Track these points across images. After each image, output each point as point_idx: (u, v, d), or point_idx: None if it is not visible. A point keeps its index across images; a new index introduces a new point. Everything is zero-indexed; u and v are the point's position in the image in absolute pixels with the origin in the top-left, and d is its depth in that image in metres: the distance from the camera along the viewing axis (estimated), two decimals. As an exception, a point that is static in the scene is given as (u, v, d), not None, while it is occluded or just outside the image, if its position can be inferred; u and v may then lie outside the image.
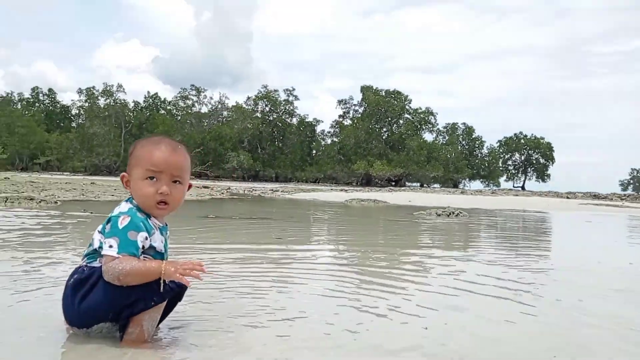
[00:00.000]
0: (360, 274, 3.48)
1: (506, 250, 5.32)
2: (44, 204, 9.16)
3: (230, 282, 3.01)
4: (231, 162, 67.26)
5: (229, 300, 2.57)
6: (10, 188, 13.25)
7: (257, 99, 76.42)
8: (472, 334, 2.15)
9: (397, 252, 4.66)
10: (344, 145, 72.17)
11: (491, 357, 1.90)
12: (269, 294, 2.75)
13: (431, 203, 15.45)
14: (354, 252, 4.76)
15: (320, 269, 3.68)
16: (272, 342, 1.94)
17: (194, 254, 4.03)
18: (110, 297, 1.78)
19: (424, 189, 46.61)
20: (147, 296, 1.79)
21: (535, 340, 2.11)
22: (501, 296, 2.90)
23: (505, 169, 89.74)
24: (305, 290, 2.90)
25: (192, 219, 7.53)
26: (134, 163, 1.93)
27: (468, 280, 3.33)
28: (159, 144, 1.94)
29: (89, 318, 1.84)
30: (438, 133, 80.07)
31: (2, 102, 75.31)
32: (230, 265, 3.58)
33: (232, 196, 18.22)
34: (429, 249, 5.10)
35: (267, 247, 4.65)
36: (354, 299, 2.71)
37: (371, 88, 75.27)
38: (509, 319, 2.41)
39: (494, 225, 8.91)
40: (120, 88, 77.10)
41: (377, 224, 8.65)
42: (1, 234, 4.83)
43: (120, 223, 1.81)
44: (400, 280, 3.26)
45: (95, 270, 1.83)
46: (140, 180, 1.90)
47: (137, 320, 1.82)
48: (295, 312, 2.37)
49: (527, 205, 17.31)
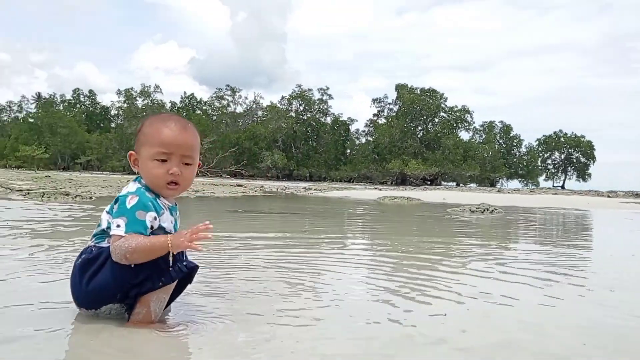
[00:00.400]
0: (393, 264, 3.39)
1: (542, 245, 5.13)
2: (79, 199, 9.33)
3: (252, 271, 2.95)
4: (265, 162, 67.67)
5: (243, 286, 2.51)
6: (49, 185, 13.60)
7: (292, 99, 76.66)
8: (505, 321, 2.05)
9: (428, 243, 4.54)
10: (379, 144, 71.71)
11: (516, 342, 1.78)
12: (291, 281, 2.68)
13: (466, 201, 15.14)
14: (385, 242, 4.65)
15: (351, 260, 3.60)
16: (300, 331, 1.86)
17: (215, 241, 4.00)
18: (118, 277, 1.74)
19: (459, 188, 45.92)
20: (155, 276, 1.75)
21: (565, 329, 2.01)
22: (534, 285, 2.81)
23: (544, 168, 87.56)
24: (335, 280, 2.82)
25: (222, 213, 7.56)
26: (142, 141, 1.87)
27: (503, 271, 3.24)
28: (167, 122, 1.87)
29: (96, 299, 1.80)
30: (474, 131, 78.74)
31: (45, 103, 77.68)
32: (248, 251, 3.53)
33: (264, 194, 18.28)
34: (462, 240, 4.96)
35: (292, 237, 4.58)
36: (387, 288, 2.62)
37: (406, 86, 74.58)
38: (542, 306, 2.33)
39: (531, 221, 8.64)
40: (157, 89, 78.60)
41: (408, 219, 8.49)
42: (33, 224, 4.92)
43: (128, 203, 1.76)
44: (433, 270, 3.15)
45: (103, 250, 1.79)
46: (149, 161, 1.84)
47: (144, 301, 1.77)
48: (327, 302, 2.29)
49: (566, 204, 16.80)
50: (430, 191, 25.53)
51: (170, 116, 1.91)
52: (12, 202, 7.90)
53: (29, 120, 75.21)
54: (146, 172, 1.85)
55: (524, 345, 1.77)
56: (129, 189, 1.82)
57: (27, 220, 5.28)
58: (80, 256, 1.84)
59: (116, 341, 1.63)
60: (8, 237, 3.89)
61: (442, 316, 2.11)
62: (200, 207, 9.43)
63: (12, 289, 2.27)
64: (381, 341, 1.76)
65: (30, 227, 4.62)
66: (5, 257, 3.02)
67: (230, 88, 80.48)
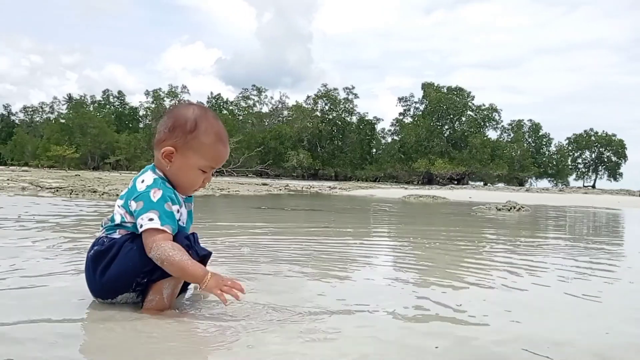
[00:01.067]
0: (419, 261, 3.33)
1: (571, 241, 5.00)
2: (106, 196, 9.47)
3: (268, 265, 2.93)
4: (291, 161, 67.82)
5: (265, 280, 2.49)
6: (78, 183, 13.85)
7: (317, 98, 76.67)
8: (531, 312, 1.97)
9: (454, 239, 4.47)
10: (405, 144, 71.21)
11: (538, 331, 1.71)
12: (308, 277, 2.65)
13: (493, 200, 14.92)
14: (409, 239, 4.59)
15: (375, 256, 3.55)
16: (320, 332, 1.83)
17: (233, 234, 3.99)
18: (130, 266, 1.75)
19: (487, 187, 45.27)
20: None
21: (589, 318, 1.96)
22: (561, 278, 2.72)
23: (574, 167, 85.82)
24: (359, 277, 2.78)
25: (245, 209, 7.58)
26: (194, 146, 1.83)
27: (532, 266, 3.15)
28: (222, 138, 1.90)
29: (111, 289, 1.81)
30: (502, 130, 77.59)
31: (76, 104, 79.23)
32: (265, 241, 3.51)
33: (289, 192, 18.31)
34: (487, 235, 4.87)
35: (312, 232, 4.56)
36: (412, 284, 2.57)
37: (432, 85, 73.94)
38: (570, 299, 2.26)
39: (559, 219, 8.45)
40: (184, 89, 79.46)
41: (433, 216, 8.39)
42: (58, 218, 5.00)
43: (153, 196, 1.76)
44: (458, 268, 3.09)
45: (114, 242, 1.79)
46: (194, 169, 1.85)
47: (156, 288, 1.77)
48: (353, 300, 2.25)
49: (597, 203, 16.42)
50: (456, 190, 25.24)
51: (221, 128, 1.90)
52: (41, 199, 8.06)
53: (60, 121, 76.82)
54: (183, 175, 1.86)
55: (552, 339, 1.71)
56: (147, 183, 1.81)
57: (54, 214, 5.37)
58: (92, 248, 1.85)
59: (130, 326, 1.62)
60: (33, 230, 3.95)
61: (459, 305, 2.06)
62: (225, 205, 9.48)
63: (32, 277, 2.29)
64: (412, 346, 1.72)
65: (55, 221, 4.69)
66: (27, 248, 3.07)
67: (256, 88, 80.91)
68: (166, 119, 1.89)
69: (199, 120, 1.85)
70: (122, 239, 1.79)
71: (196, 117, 1.85)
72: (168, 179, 1.86)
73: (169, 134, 1.85)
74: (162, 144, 1.85)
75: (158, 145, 1.87)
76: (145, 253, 1.72)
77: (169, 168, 1.85)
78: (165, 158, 1.84)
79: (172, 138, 1.84)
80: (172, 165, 1.84)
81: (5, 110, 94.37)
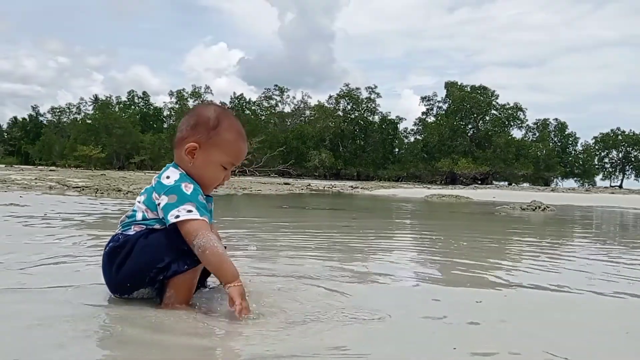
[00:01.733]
0: (444, 263, 3.31)
1: (599, 243, 4.91)
2: (130, 195, 9.61)
3: (287, 265, 2.94)
4: (313, 161, 67.87)
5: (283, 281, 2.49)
6: (103, 182, 14.07)
7: (339, 98, 76.58)
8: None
9: (478, 239, 4.42)
10: (428, 143, 70.70)
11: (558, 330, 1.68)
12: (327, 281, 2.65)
13: (517, 200, 14.72)
14: (433, 239, 4.56)
15: (395, 248, 3.53)
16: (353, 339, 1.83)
17: (249, 231, 4.01)
18: (144, 263, 1.76)
19: (511, 187, 44.70)
20: (180, 260, 1.75)
21: (608, 319, 1.93)
22: (581, 274, 2.66)
23: (601, 166, 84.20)
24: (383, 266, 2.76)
25: (267, 208, 7.61)
26: (217, 143, 1.87)
27: (559, 267, 3.11)
28: (242, 135, 1.96)
29: (127, 285, 1.83)
30: (527, 129, 76.50)
31: (102, 105, 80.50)
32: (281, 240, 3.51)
33: (311, 192, 18.34)
34: (511, 235, 4.80)
35: (332, 233, 4.55)
36: (439, 287, 2.55)
37: (456, 84, 73.26)
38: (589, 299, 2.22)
39: (585, 219, 8.30)
40: (208, 90, 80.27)
41: (456, 215, 8.31)
42: (83, 216, 5.08)
43: (186, 189, 1.79)
44: (484, 269, 3.06)
45: (129, 238, 1.81)
46: (217, 165, 1.89)
47: (172, 284, 1.78)
48: (375, 288, 2.24)
49: (624, 203, 16.08)
50: (480, 190, 24.98)
51: (240, 126, 1.95)
52: (67, 197, 8.21)
53: (86, 121, 78.11)
54: (205, 171, 1.88)
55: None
56: (174, 177, 1.83)
57: (78, 213, 5.46)
58: (109, 244, 1.87)
59: (148, 320, 1.64)
60: (57, 228, 4.03)
61: (479, 303, 2.03)
62: (246, 204, 9.53)
63: (55, 272, 2.33)
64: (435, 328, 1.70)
65: (80, 219, 4.77)
66: (52, 245, 3.13)
67: (279, 88, 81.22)
68: (187, 117, 1.93)
69: (221, 117, 1.89)
70: (136, 235, 1.81)
71: (218, 114, 1.89)
72: (190, 177, 1.87)
73: (191, 131, 1.87)
74: (184, 141, 1.87)
75: (180, 143, 1.89)
76: (160, 249, 1.74)
77: (191, 165, 1.86)
78: (189, 154, 1.86)
79: (195, 135, 1.86)
80: (194, 162, 1.86)
81: (34, 111, 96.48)
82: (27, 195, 8.19)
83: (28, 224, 4.20)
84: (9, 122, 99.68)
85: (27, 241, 3.22)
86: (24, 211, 5.27)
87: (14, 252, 2.74)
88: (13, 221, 4.35)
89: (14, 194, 8.12)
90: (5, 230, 3.70)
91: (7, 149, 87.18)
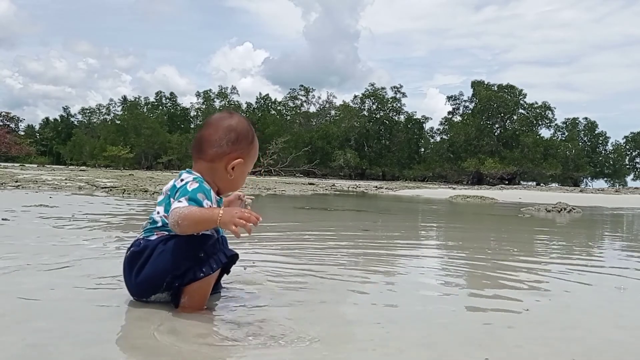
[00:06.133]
0: (468, 266, 3.31)
1: (623, 248, 4.84)
2: (157, 195, 9.77)
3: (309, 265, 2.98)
4: (338, 160, 67.85)
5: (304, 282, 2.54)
6: (131, 182, 14.33)
7: (364, 97, 76.43)
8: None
9: (502, 243, 4.40)
10: (454, 143, 69.96)
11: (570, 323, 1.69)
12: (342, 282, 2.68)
13: (544, 201, 14.50)
14: (457, 241, 4.55)
15: (419, 251, 3.55)
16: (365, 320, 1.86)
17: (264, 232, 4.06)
18: (161, 269, 1.82)
19: (539, 187, 43.96)
20: (196, 268, 1.81)
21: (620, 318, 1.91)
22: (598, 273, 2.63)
23: (632, 167, 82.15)
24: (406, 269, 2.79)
25: (288, 209, 7.66)
26: (251, 155, 2.02)
27: (585, 271, 3.07)
28: (255, 141, 2.06)
29: (145, 289, 1.89)
30: (556, 129, 75.14)
31: (131, 105, 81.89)
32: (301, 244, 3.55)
33: (335, 192, 18.36)
34: (536, 238, 4.76)
35: (352, 235, 4.58)
36: (465, 291, 2.57)
37: (482, 83, 72.34)
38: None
39: (613, 222, 8.15)
40: (234, 90, 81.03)
41: (480, 217, 8.25)
42: (109, 217, 5.21)
43: (190, 187, 1.85)
44: (510, 271, 3.05)
45: (149, 243, 1.87)
46: (246, 173, 2.03)
47: (187, 291, 1.84)
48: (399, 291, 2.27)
49: (656, 204, 15.69)
50: (506, 190, 24.67)
51: (255, 134, 2.05)
52: (95, 198, 8.40)
53: (115, 122, 79.58)
54: (241, 181, 2.03)
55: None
56: (186, 180, 1.88)
57: (105, 213, 5.60)
58: (130, 248, 1.94)
59: (164, 326, 1.69)
60: (85, 229, 4.14)
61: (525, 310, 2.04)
62: (269, 204, 9.61)
63: (81, 273, 2.41)
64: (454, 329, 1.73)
65: (106, 220, 4.89)
66: (79, 246, 3.23)
67: (304, 88, 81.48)
68: (222, 132, 1.95)
69: (252, 130, 2.02)
70: (156, 241, 1.87)
71: (249, 127, 2.01)
72: (212, 184, 1.95)
73: (233, 147, 1.94)
74: (227, 156, 1.94)
75: (220, 157, 1.93)
76: (177, 256, 1.80)
77: (232, 178, 1.95)
78: (228, 167, 1.94)
79: (238, 150, 1.95)
80: (233, 174, 1.95)
81: (65, 112, 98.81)
82: (57, 195, 8.41)
83: (56, 225, 4.32)
84: (41, 123, 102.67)
85: (55, 243, 3.33)
86: (53, 212, 5.42)
87: (41, 254, 2.84)
88: (42, 222, 4.49)
89: (44, 195, 8.35)
90: (35, 232, 3.83)
91: (39, 149, 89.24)
